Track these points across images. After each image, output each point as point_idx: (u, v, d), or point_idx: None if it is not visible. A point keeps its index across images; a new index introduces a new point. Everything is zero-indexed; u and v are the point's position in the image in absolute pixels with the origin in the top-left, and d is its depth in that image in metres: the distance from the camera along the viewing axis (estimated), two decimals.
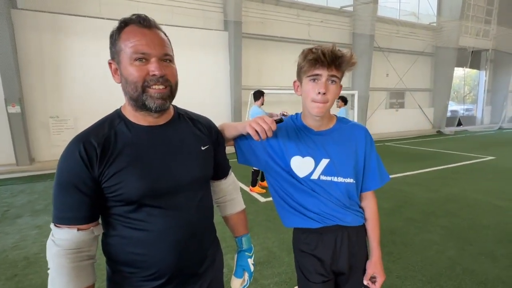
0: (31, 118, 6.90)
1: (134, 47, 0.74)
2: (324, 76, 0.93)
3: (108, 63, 0.81)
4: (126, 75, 0.76)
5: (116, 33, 0.78)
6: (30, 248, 2.87)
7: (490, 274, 2.24)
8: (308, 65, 0.94)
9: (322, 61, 0.91)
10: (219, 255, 1.03)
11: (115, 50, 0.78)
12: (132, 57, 0.74)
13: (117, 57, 0.78)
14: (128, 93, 0.78)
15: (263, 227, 3.22)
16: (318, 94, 0.94)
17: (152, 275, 0.82)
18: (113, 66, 0.80)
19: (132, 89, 0.76)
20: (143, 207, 0.79)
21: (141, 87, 0.76)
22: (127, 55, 0.75)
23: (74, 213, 0.75)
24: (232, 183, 1.11)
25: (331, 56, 0.91)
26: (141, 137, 0.82)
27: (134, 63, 0.75)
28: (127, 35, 0.76)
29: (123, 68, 0.77)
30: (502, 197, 4.02)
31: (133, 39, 0.75)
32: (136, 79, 0.75)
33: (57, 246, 0.75)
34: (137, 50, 0.74)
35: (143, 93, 0.76)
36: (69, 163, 0.75)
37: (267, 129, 0.90)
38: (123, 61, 0.76)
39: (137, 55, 0.74)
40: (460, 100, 17.87)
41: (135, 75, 0.75)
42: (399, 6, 12.47)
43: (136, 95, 0.77)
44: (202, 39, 8.58)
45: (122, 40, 0.76)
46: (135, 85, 0.76)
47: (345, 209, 1.03)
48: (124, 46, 0.75)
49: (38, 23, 6.76)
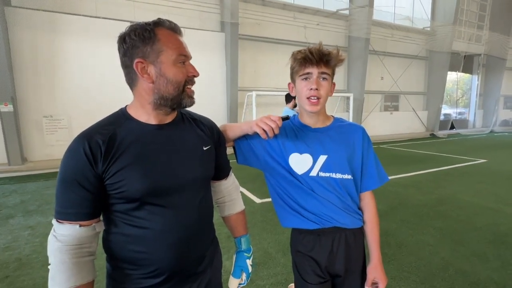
0: (24, 117, 6.80)
1: (178, 49, 0.80)
2: (314, 73, 0.98)
3: (137, 62, 0.78)
4: (170, 75, 0.80)
5: (151, 33, 0.78)
6: (22, 249, 2.82)
7: (482, 275, 2.28)
8: (299, 65, 0.99)
9: (311, 59, 0.96)
10: (217, 255, 1.04)
11: (151, 50, 0.78)
12: (178, 59, 0.80)
13: (154, 57, 0.78)
14: (165, 92, 0.81)
15: (259, 228, 3.22)
16: (311, 90, 0.98)
17: (152, 272, 0.82)
18: (141, 66, 0.78)
19: (174, 88, 0.81)
20: (145, 205, 0.80)
21: (182, 86, 0.83)
22: (171, 57, 0.79)
23: (77, 209, 0.76)
24: (232, 183, 1.12)
25: (318, 54, 0.96)
26: (145, 136, 0.83)
27: (178, 65, 0.81)
28: (167, 38, 0.80)
29: (164, 68, 0.79)
30: (494, 199, 4.09)
31: (175, 42, 0.81)
32: (180, 79, 0.81)
33: (58, 241, 0.75)
34: (181, 52, 0.81)
35: (183, 92, 0.83)
36: (73, 160, 0.76)
37: (274, 127, 0.93)
38: (166, 62, 0.79)
39: (181, 57, 0.81)
40: (453, 103, 18.14)
41: (180, 76, 0.81)
42: (394, 10, 12.64)
43: (176, 94, 0.82)
44: (199, 40, 8.56)
45: (162, 41, 0.79)
46: (178, 84, 0.81)
47: (344, 211, 1.04)
48: (166, 48, 0.79)
49: (32, 21, 6.68)
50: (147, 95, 0.82)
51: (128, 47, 0.78)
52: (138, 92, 0.83)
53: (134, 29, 0.78)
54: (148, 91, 0.81)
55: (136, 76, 0.80)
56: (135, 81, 0.82)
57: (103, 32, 7.23)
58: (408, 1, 13.15)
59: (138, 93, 0.83)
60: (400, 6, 12.81)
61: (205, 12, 8.63)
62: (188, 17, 8.43)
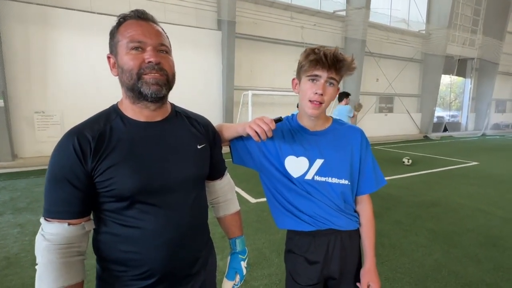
0: (14, 113, 6.66)
1: (130, 37, 0.76)
2: (323, 77, 0.94)
3: (107, 57, 0.81)
4: (122, 64, 0.77)
5: (115, 28, 0.80)
6: (11, 248, 2.76)
7: (474, 277, 2.30)
8: (309, 65, 0.94)
9: (323, 62, 0.92)
10: (212, 256, 1.02)
11: (113, 43, 0.79)
12: (128, 46, 0.76)
13: (115, 50, 0.79)
14: (124, 82, 0.79)
15: (253, 228, 3.20)
16: (315, 94, 0.95)
17: (143, 274, 0.80)
18: (111, 60, 0.81)
19: (127, 77, 0.77)
20: (136, 204, 0.78)
21: (136, 74, 0.76)
22: (124, 45, 0.76)
23: (66, 207, 0.74)
24: (228, 184, 1.10)
25: (332, 59, 0.92)
26: (136, 133, 0.80)
27: (130, 52, 0.76)
28: (125, 27, 0.78)
29: (119, 58, 0.78)
30: (485, 202, 4.14)
31: (130, 30, 0.77)
32: (131, 67, 0.76)
33: (46, 240, 0.72)
34: (133, 39, 0.76)
35: (139, 80, 0.76)
36: (62, 156, 0.74)
37: (267, 129, 0.91)
38: (120, 52, 0.77)
39: (133, 43, 0.76)
40: (446, 106, 18.40)
41: (130, 63, 0.76)
42: (390, 13, 12.74)
43: (131, 83, 0.77)
44: (195, 38, 8.51)
45: (120, 32, 0.78)
46: (130, 72, 0.76)
47: (339, 213, 1.03)
48: (121, 38, 0.77)
49: (24, 15, 6.55)
50: (121, 88, 0.82)
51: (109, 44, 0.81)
52: None
53: None
54: (120, 84, 0.81)
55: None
56: None
57: (97, 28, 7.12)
58: (404, 4, 13.28)
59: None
60: (396, 8, 12.92)
61: (202, 9, 8.58)
62: (184, 14, 8.37)
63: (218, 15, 8.85)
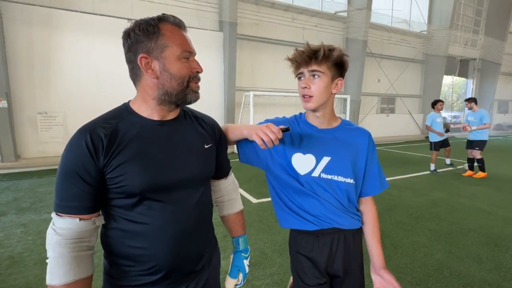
0: (18, 114, 6.71)
1: (182, 45, 0.80)
2: (306, 73, 0.99)
3: (141, 57, 0.78)
4: (174, 71, 0.79)
5: (155, 28, 0.78)
6: (15, 247, 2.78)
7: (476, 277, 2.30)
8: (294, 66, 1.02)
9: (301, 59, 0.98)
10: (216, 254, 1.03)
11: (156, 46, 0.78)
12: (182, 54, 0.80)
13: (158, 53, 0.78)
14: (170, 87, 0.81)
15: (255, 228, 3.21)
16: (303, 89, 1.00)
17: (150, 269, 0.82)
18: (145, 61, 0.78)
19: (178, 83, 0.81)
20: (144, 200, 0.80)
21: (187, 82, 0.82)
22: (175, 52, 0.79)
23: (77, 202, 0.75)
24: (232, 183, 1.11)
25: (309, 51, 0.97)
26: (147, 131, 0.82)
27: (182, 60, 0.80)
28: (171, 33, 0.79)
29: (168, 63, 0.79)
30: (487, 202, 4.14)
31: (179, 38, 0.80)
32: (184, 74, 0.81)
33: (58, 235, 0.74)
34: (185, 48, 0.80)
35: (187, 88, 0.82)
36: (74, 153, 0.75)
37: (273, 138, 0.89)
38: (170, 57, 0.79)
39: (185, 52, 0.80)
40: (448, 107, 18.35)
41: (184, 71, 0.81)
42: (391, 14, 12.74)
43: (180, 89, 0.81)
44: (197, 39, 8.41)
45: (167, 37, 0.78)
46: (182, 80, 0.81)
47: (343, 212, 1.04)
48: (170, 43, 0.78)
49: (28, 17, 6.61)
50: (151, 90, 0.81)
51: (132, 42, 0.78)
52: (142, 88, 0.82)
53: (139, 24, 0.78)
54: (152, 86, 0.81)
55: (140, 72, 0.80)
56: (139, 77, 0.81)
57: (100, 29, 7.18)
58: (405, 5, 13.27)
59: (142, 89, 0.83)
60: (397, 9, 12.92)
61: (204, 11, 8.61)
62: (186, 16, 8.39)
63: (219, 16, 8.88)
